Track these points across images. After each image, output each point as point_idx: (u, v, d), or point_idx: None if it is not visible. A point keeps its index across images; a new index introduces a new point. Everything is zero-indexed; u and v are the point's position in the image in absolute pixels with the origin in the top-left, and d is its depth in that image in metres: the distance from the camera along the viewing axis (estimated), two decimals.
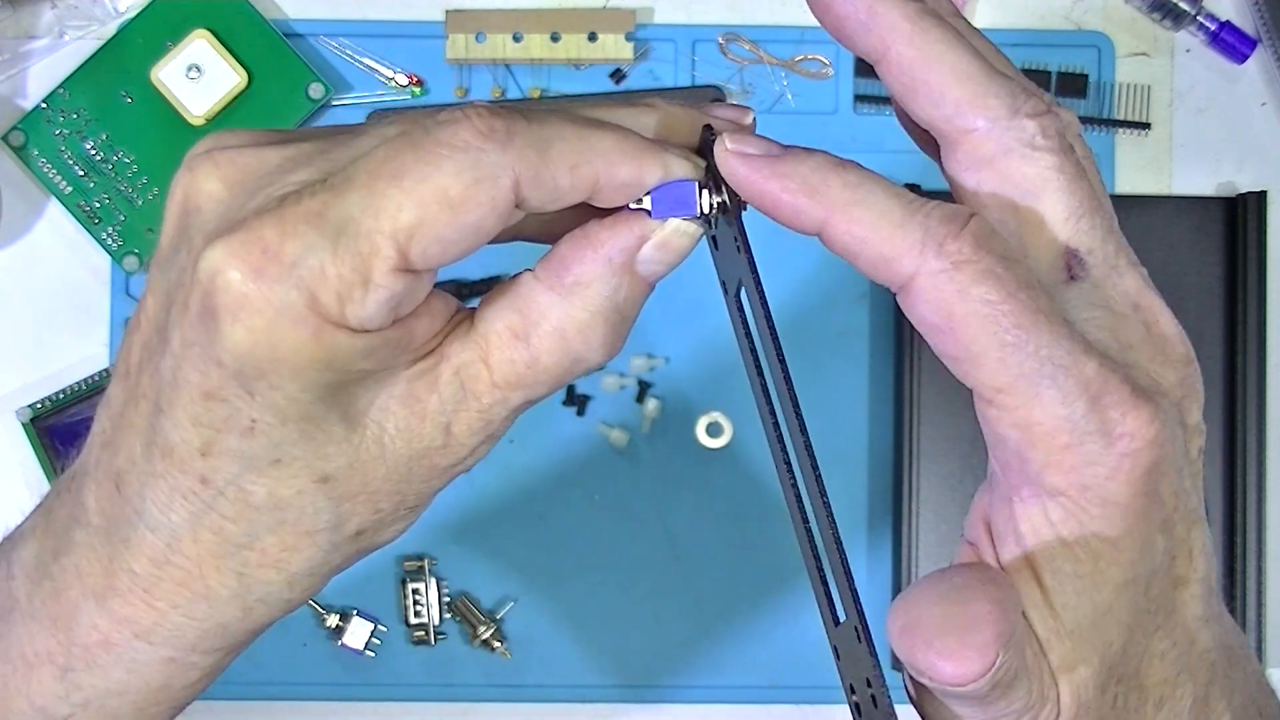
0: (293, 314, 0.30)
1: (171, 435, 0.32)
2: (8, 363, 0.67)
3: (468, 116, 0.31)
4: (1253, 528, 0.67)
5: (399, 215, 0.30)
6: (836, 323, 0.69)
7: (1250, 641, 0.66)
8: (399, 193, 0.30)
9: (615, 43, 0.68)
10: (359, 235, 0.30)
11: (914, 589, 0.32)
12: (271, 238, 0.30)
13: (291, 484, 0.32)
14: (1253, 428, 0.67)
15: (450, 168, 0.30)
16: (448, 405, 0.33)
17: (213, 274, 0.30)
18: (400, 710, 0.68)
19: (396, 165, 0.30)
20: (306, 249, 0.30)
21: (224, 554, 0.33)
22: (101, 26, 0.68)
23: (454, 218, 0.31)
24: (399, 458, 0.33)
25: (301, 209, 0.30)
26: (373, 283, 0.30)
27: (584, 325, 0.33)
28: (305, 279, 0.30)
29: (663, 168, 0.33)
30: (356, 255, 0.30)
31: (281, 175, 0.31)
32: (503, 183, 0.31)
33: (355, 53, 0.68)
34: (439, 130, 0.31)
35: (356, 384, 0.32)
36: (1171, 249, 0.68)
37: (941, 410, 0.67)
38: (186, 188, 0.32)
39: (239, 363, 0.30)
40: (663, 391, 0.68)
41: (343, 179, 0.30)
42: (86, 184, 0.67)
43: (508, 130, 0.31)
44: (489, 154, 0.31)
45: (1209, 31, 0.69)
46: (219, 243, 0.30)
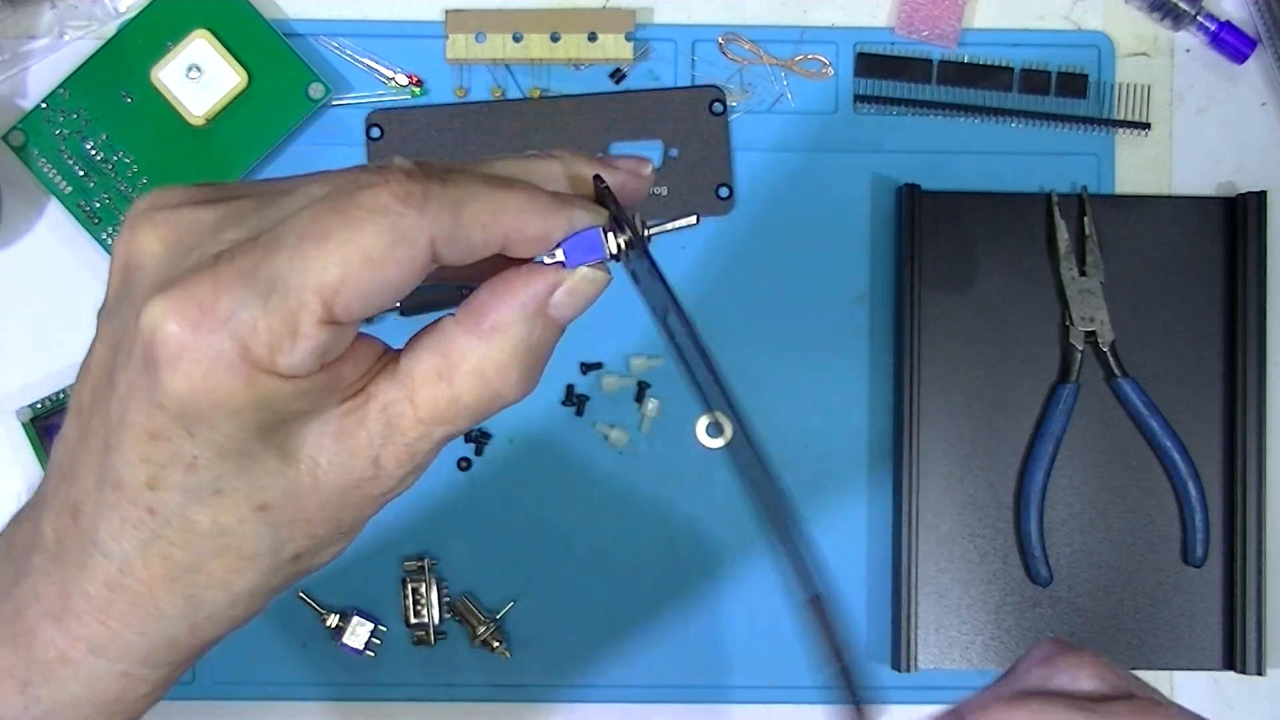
0: (226, 362, 0.33)
1: (121, 470, 0.35)
2: (8, 363, 0.67)
3: (387, 181, 0.34)
4: (1253, 527, 0.67)
5: (324, 274, 0.33)
6: (836, 323, 0.69)
7: (1251, 642, 0.66)
8: (324, 253, 0.33)
9: (615, 43, 0.68)
10: (288, 292, 0.33)
11: None
12: (206, 294, 0.33)
13: (233, 512, 0.35)
14: (1253, 428, 0.67)
15: (371, 230, 0.34)
16: (376, 439, 0.36)
17: (153, 327, 0.33)
18: (400, 710, 0.68)
19: (322, 227, 0.33)
20: (239, 304, 0.33)
21: (172, 577, 0.36)
22: (101, 26, 0.68)
23: (375, 275, 0.34)
24: (332, 488, 0.36)
25: (235, 266, 0.33)
26: (300, 334, 0.33)
27: (502, 366, 0.37)
28: (238, 331, 0.33)
29: (568, 221, 0.37)
30: (285, 310, 0.33)
31: (215, 233, 0.34)
32: (420, 243, 0.34)
33: (355, 53, 0.68)
34: (361, 195, 0.34)
35: (290, 422, 0.35)
36: (1171, 249, 0.68)
37: (941, 410, 0.67)
38: (128, 245, 0.35)
39: (179, 406, 0.33)
40: (663, 391, 0.68)
41: (272, 238, 0.33)
42: (86, 184, 0.67)
43: (424, 194, 0.34)
44: (407, 217, 0.34)
45: (1209, 31, 0.69)
46: (159, 298, 0.33)
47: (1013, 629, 0.67)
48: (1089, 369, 0.68)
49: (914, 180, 0.68)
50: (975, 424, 0.68)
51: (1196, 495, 0.67)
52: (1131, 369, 0.67)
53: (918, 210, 0.67)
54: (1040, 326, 0.68)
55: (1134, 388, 0.67)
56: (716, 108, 0.68)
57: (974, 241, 0.68)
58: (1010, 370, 0.68)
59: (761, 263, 0.69)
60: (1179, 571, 0.68)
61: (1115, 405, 0.68)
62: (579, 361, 0.68)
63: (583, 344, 0.68)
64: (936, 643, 0.67)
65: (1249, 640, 0.66)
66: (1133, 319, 0.68)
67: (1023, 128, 0.69)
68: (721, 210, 0.68)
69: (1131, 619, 0.67)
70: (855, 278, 0.69)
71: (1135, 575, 0.68)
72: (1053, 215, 0.68)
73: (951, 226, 0.68)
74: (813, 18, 0.70)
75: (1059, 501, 0.67)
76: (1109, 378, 0.68)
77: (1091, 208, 0.68)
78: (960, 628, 0.67)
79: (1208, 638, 0.67)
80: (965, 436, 0.68)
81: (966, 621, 0.67)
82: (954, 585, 0.67)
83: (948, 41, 0.69)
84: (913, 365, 0.67)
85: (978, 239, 0.68)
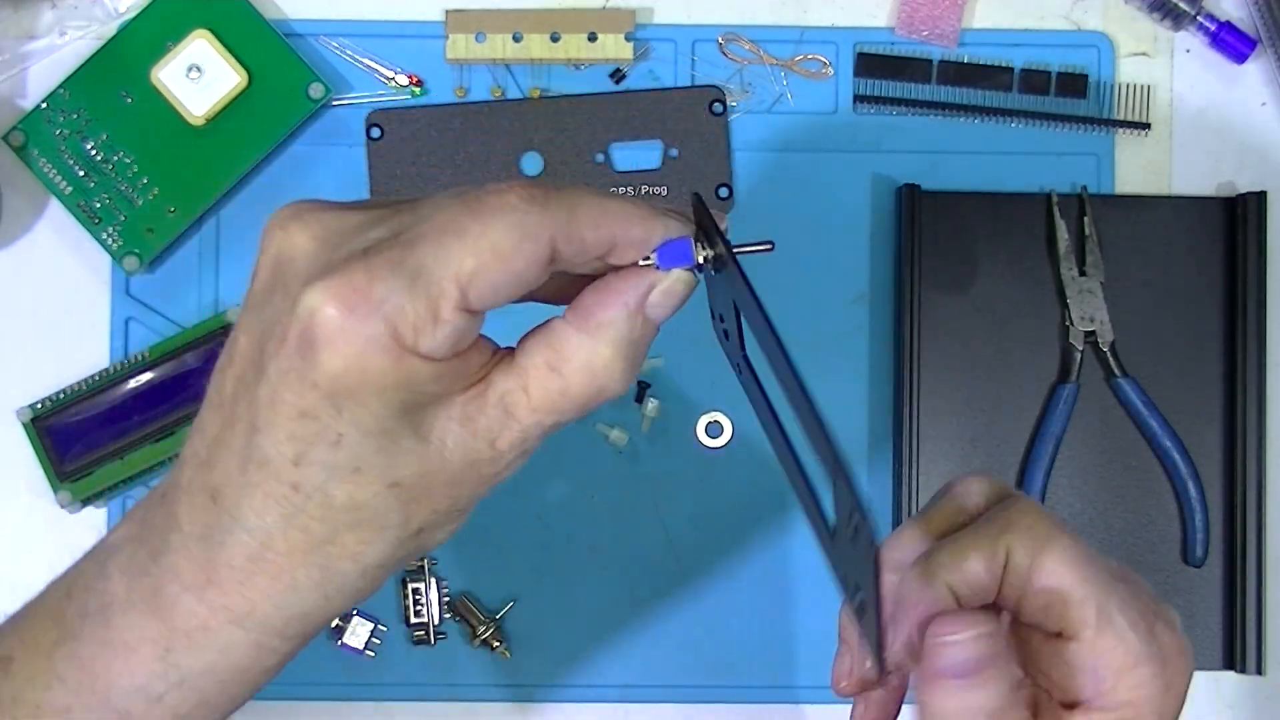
0: (379, 343, 0.37)
1: (268, 450, 0.38)
2: (8, 363, 0.67)
3: (512, 187, 0.39)
4: (1253, 527, 0.67)
5: (461, 264, 0.38)
6: (836, 323, 0.69)
7: (1251, 642, 0.67)
8: (461, 245, 0.38)
9: (615, 43, 0.68)
10: (430, 280, 0.37)
11: None
12: (361, 280, 0.37)
13: (369, 489, 0.39)
14: (1253, 427, 0.67)
15: (501, 225, 0.38)
16: (494, 424, 0.40)
17: (311, 311, 0.37)
18: (400, 710, 0.68)
19: (459, 224, 0.38)
20: (390, 290, 0.37)
21: (310, 549, 0.39)
22: (101, 26, 0.68)
23: (504, 267, 0.38)
24: (455, 467, 0.40)
25: (384, 257, 0.37)
26: (441, 319, 0.38)
27: (608, 360, 0.41)
28: (389, 315, 0.37)
29: (664, 228, 0.41)
30: (428, 296, 0.37)
31: (361, 232, 0.38)
32: (542, 239, 0.39)
33: (355, 53, 0.68)
34: (490, 197, 0.39)
35: (425, 405, 0.39)
36: (1171, 249, 0.68)
37: (941, 410, 0.67)
38: (280, 243, 0.39)
39: (332, 384, 0.37)
40: (663, 391, 0.68)
41: (414, 235, 0.38)
42: (86, 184, 0.67)
43: (545, 197, 0.39)
44: (531, 214, 0.39)
45: (1209, 31, 0.69)
46: (317, 285, 0.37)
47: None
48: (1089, 369, 0.68)
49: (914, 180, 0.68)
50: (975, 424, 0.68)
51: (1196, 495, 0.67)
52: (1131, 369, 0.67)
53: (918, 210, 0.67)
54: (1040, 326, 0.68)
55: (1134, 388, 0.67)
56: (716, 108, 0.68)
57: (974, 241, 0.68)
58: (1010, 370, 0.68)
59: (761, 263, 0.68)
60: (1179, 571, 0.68)
61: (1115, 405, 0.68)
62: None
63: None
64: None
65: (1249, 640, 0.66)
66: (1133, 319, 0.68)
67: (1023, 128, 0.69)
68: (721, 210, 0.68)
69: None
70: (855, 278, 0.69)
71: None
72: (1053, 215, 0.68)
73: (951, 226, 0.68)
74: (813, 18, 0.70)
75: (1059, 501, 0.67)
76: (1109, 378, 0.68)
77: (1091, 208, 0.68)
78: None
79: (1208, 638, 0.67)
80: (965, 436, 0.68)
81: None
82: None
83: (948, 41, 0.69)
84: (913, 365, 0.67)
85: (978, 239, 0.68)
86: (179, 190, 0.67)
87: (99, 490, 0.65)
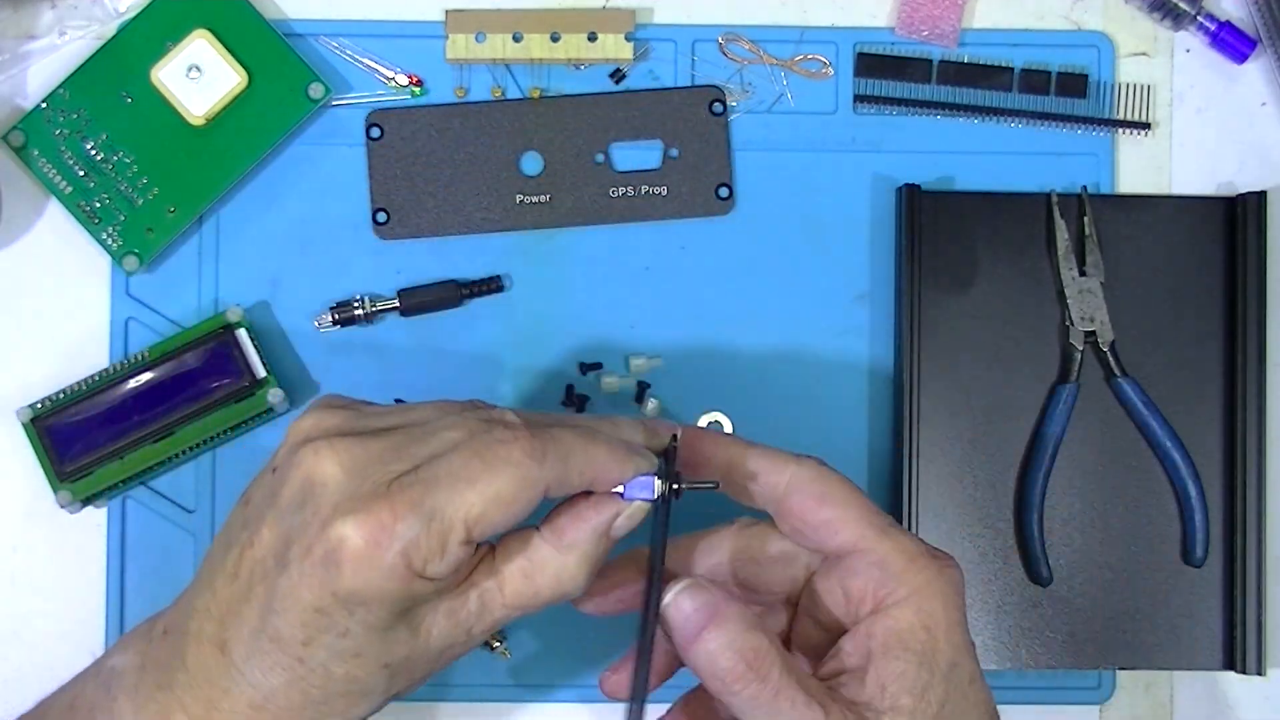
0: (394, 570, 0.45)
1: (282, 629, 0.46)
2: (8, 363, 0.67)
3: (516, 439, 0.47)
4: (1253, 527, 0.67)
5: (471, 509, 0.46)
6: (836, 323, 0.69)
7: (1251, 642, 0.67)
8: (472, 492, 0.46)
9: (615, 43, 0.68)
10: (444, 521, 0.46)
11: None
12: (386, 518, 0.45)
13: (365, 669, 0.47)
14: (1253, 427, 0.67)
15: (506, 477, 0.47)
16: (472, 617, 0.49)
17: (341, 539, 0.45)
18: (400, 710, 0.68)
19: (471, 472, 0.46)
20: (409, 528, 0.45)
21: (305, 707, 0.47)
22: (101, 26, 0.68)
23: (505, 511, 0.47)
24: (436, 650, 0.48)
25: (405, 497, 0.45)
26: (448, 551, 0.46)
27: (574, 573, 0.50)
28: (406, 548, 0.45)
29: (635, 469, 0.50)
30: (440, 534, 0.46)
31: (383, 464, 0.46)
32: (539, 488, 0.47)
33: (355, 53, 0.68)
34: (499, 447, 0.47)
35: (420, 606, 0.47)
36: (1171, 249, 0.68)
37: (941, 410, 0.67)
38: (312, 467, 0.46)
39: (349, 595, 0.45)
40: (663, 391, 0.68)
41: (431, 476, 0.46)
42: (86, 184, 0.67)
43: (544, 450, 0.47)
44: (532, 470, 0.47)
45: (1209, 31, 0.69)
46: (350, 518, 0.45)
47: (1013, 629, 0.67)
48: (1089, 369, 0.68)
49: (914, 180, 0.68)
50: (975, 424, 0.68)
51: (1196, 495, 0.67)
52: (1131, 369, 0.67)
53: (918, 210, 0.67)
54: (1040, 326, 0.68)
55: (1134, 388, 0.67)
56: (716, 108, 0.68)
57: (974, 241, 0.68)
58: (1010, 370, 0.68)
59: (761, 263, 0.69)
60: (1179, 571, 0.68)
61: (1115, 405, 0.68)
62: (579, 361, 0.68)
63: (583, 344, 0.68)
64: None
65: (1249, 640, 0.66)
66: (1133, 319, 0.68)
67: (1023, 128, 0.69)
68: (721, 210, 0.68)
69: (1131, 619, 0.67)
70: (855, 278, 0.69)
71: (1135, 575, 0.68)
72: (1053, 215, 0.68)
73: (951, 226, 0.68)
74: (813, 18, 0.70)
75: (1059, 501, 0.67)
76: (1109, 378, 0.68)
77: (1091, 208, 0.68)
78: None
79: (1208, 638, 0.67)
80: (965, 436, 0.68)
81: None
82: None
83: (948, 41, 0.69)
84: (913, 365, 0.67)
85: (978, 239, 0.68)
86: (179, 190, 0.67)
87: (99, 490, 0.65)
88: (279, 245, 0.68)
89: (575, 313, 0.68)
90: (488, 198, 0.68)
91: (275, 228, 0.68)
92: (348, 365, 0.68)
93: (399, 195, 0.68)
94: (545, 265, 0.68)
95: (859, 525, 0.51)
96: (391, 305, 0.67)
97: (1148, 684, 0.70)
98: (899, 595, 0.50)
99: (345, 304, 0.67)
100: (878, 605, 0.50)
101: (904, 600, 0.50)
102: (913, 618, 0.49)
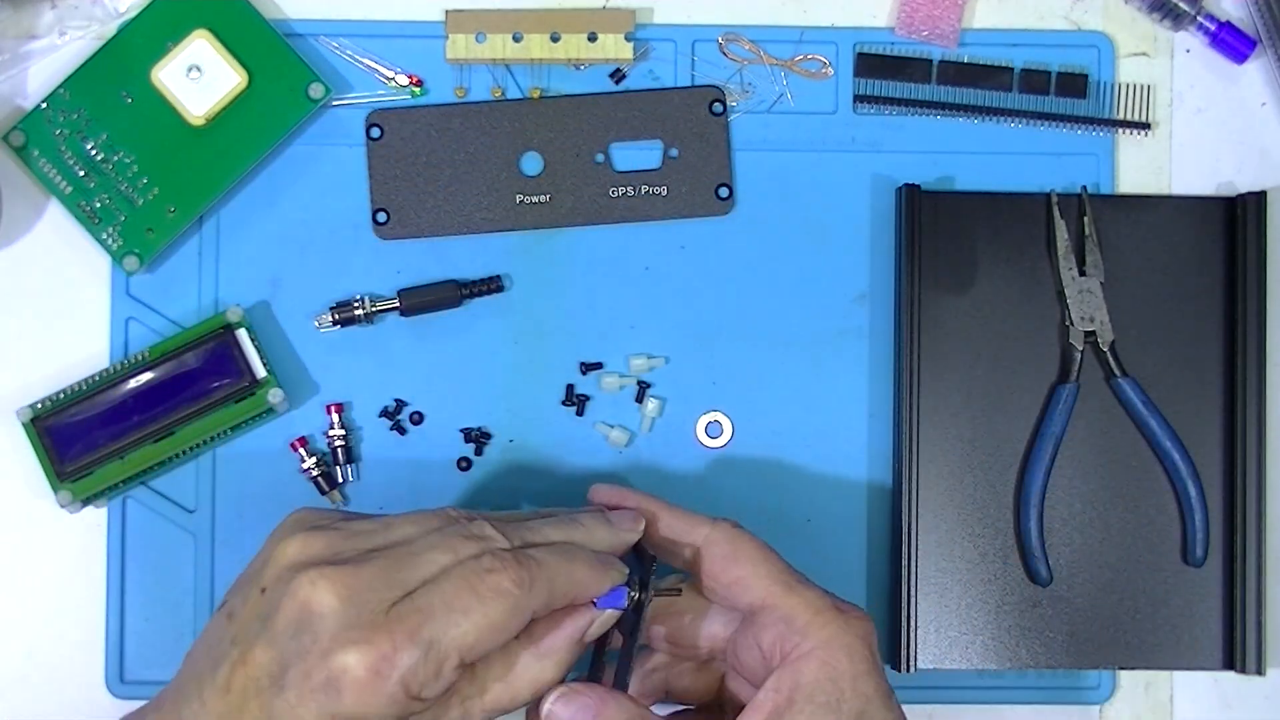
0: (393, 696, 0.49)
1: None
2: (8, 363, 0.67)
3: (505, 568, 0.51)
4: (1253, 527, 0.67)
5: (465, 637, 0.50)
6: (836, 323, 0.69)
7: (1251, 642, 0.67)
8: (467, 622, 0.50)
9: (615, 43, 0.68)
10: (440, 650, 0.49)
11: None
12: (387, 649, 0.48)
13: None
14: (1253, 427, 0.67)
15: (497, 608, 0.50)
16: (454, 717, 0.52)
17: (344, 669, 0.48)
18: None
19: (464, 603, 0.50)
20: (408, 658, 0.49)
21: None
22: (101, 26, 0.68)
23: (495, 636, 0.51)
24: None
25: (403, 627, 0.49)
26: (442, 676, 0.50)
27: (550, 676, 0.53)
28: (405, 676, 0.49)
29: (610, 582, 0.54)
30: (437, 661, 0.49)
31: (377, 592, 0.49)
32: (528, 614, 0.51)
33: (355, 53, 0.68)
34: (489, 577, 0.50)
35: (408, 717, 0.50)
36: (1171, 249, 0.68)
37: (941, 410, 0.67)
38: (308, 596, 0.49)
39: (347, 716, 0.48)
40: (663, 391, 0.68)
41: (427, 605, 0.50)
42: (86, 184, 0.67)
43: (531, 580, 0.51)
44: (521, 599, 0.51)
45: (1209, 31, 0.69)
46: (352, 649, 0.48)
47: (1013, 629, 0.67)
48: (1089, 369, 0.68)
49: (914, 180, 0.68)
50: (975, 424, 0.68)
51: (1196, 495, 0.67)
52: (1131, 369, 0.67)
53: (918, 210, 0.67)
54: (1040, 326, 0.68)
55: (1134, 388, 0.67)
56: (716, 108, 0.69)
57: (974, 241, 0.68)
58: (1010, 370, 0.68)
59: (761, 263, 0.69)
60: (1179, 571, 0.68)
61: (1115, 405, 0.68)
62: (579, 361, 0.68)
63: (583, 344, 0.68)
64: (936, 643, 0.67)
65: (1249, 640, 0.66)
66: (1133, 319, 0.68)
67: (1023, 128, 0.69)
68: (721, 210, 0.68)
69: (1131, 619, 0.67)
70: (855, 278, 0.69)
71: (1135, 575, 0.68)
72: (1053, 215, 0.68)
73: (951, 226, 0.68)
74: (813, 18, 0.70)
75: (1059, 501, 0.67)
76: (1109, 378, 0.68)
77: (1091, 208, 0.68)
78: (960, 628, 0.67)
79: (1208, 638, 0.67)
80: (965, 436, 0.68)
81: (966, 621, 0.67)
82: (954, 585, 0.67)
83: (948, 41, 0.69)
84: (913, 365, 0.67)
85: (978, 239, 0.68)
86: (179, 190, 0.67)
87: (99, 490, 0.65)
88: (279, 245, 0.68)
89: (575, 313, 0.68)
90: (488, 198, 0.68)
91: (275, 228, 0.68)
92: (348, 365, 0.68)
93: (399, 195, 0.68)
94: (545, 265, 0.68)
95: (767, 582, 0.55)
96: (391, 305, 0.67)
97: (1148, 684, 0.70)
98: (804, 649, 0.53)
99: (345, 304, 0.67)
100: (784, 659, 0.53)
101: (809, 653, 0.53)
102: (818, 670, 0.52)
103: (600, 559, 0.54)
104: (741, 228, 0.69)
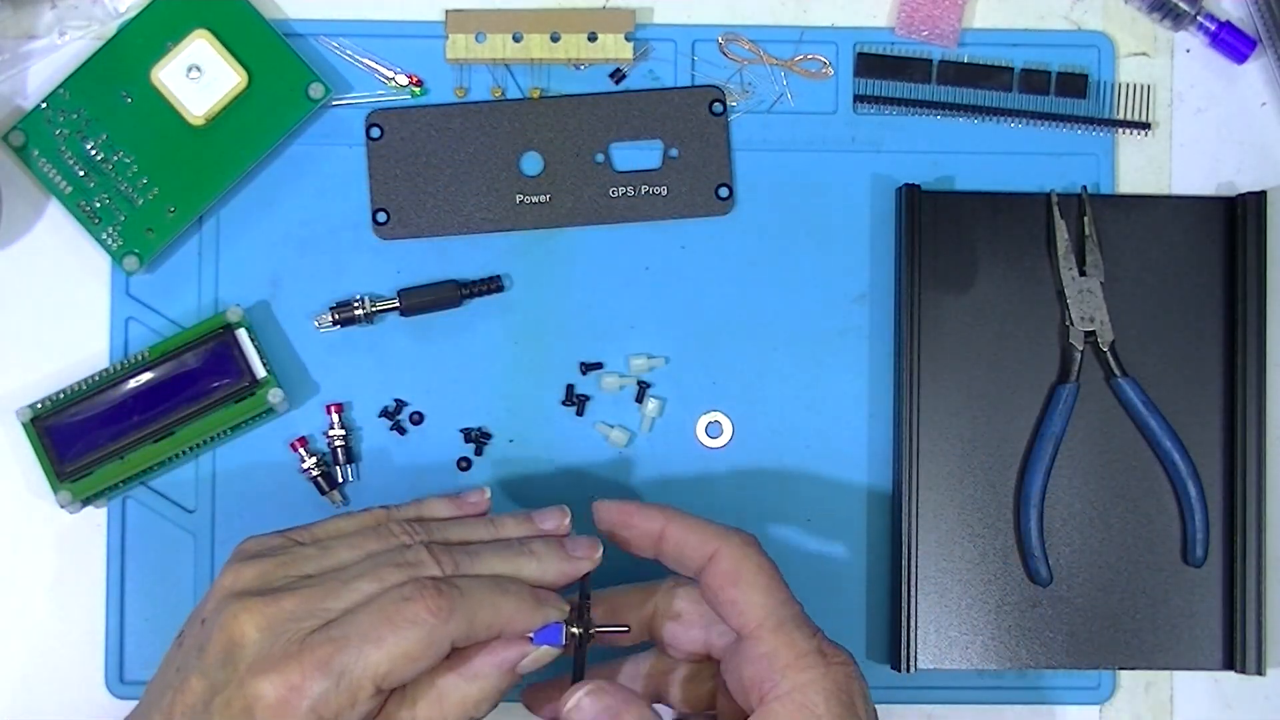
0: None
1: None
2: (8, 363, 0.67)
3: (423, 596, 0.51)
4: (1253, 527, 0.67)
5: (378, 666, 0.51)
6: (836, 323, 0.69)
7: (1251, 642, 0.67)
8: (379, 652, 0.51)
9: (615, 43, 0.68)
10: (352, 678, 0.50)
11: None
12: (297, 678, 0.50)
13: None
14: (1253, 427, 0.67)
15: (412, 636, 0.51)
16: None
17: (258, 696, 0.50)
18: None
19: (378, 634, 0.51)
20: (319, 686, 0.50)
21: None
22: (101, 26, 0.68)
23: (411, 666, 0.51)
24: None
25: (314, 656, 0.50)
26: (357, 704, 0.51)
27: (478, 701, 0.54)
28: (316, 704, 0.50)
29: (544, 618, 0.54)
30: (350, 690, 0.51)
31: (296, 621, 0.51)
32: (444, 643, 0.52)
33: (355, 53, 0.68)
34: (405, 607, 0.51)
35: None
36: (1171, 249, 0.68)
37: (941, 410, 0.67)
38: (233, 630, 0.51)
39: None
40: (663, 391, 0.68)
41: (341, 635, 0.51)
42: (86, 184, 0.67)
43: (449, 609, 0.51)
44: (437, 629, 0.51)
45: (1209, 31, 0.69)
46: (265, 677, 0.50)
47: (1013, 629, 0.67)
48: (1089, 369, 0.68)
49: (914, 180, 0.68)
50: (975, 424, 0.68)
51: (1196, 495, 0.67)
52: (1131, 369, 0.67)
53: (918, 210, 0.67)
54: (1040, 326, 0.68)
55: (1134, 388, 0.67)
56: (716, 108, 0.69)
57: (974, 241, 0.68)
58: (1010, 370, 0.68)
59: (762, 263, 0.69)
60: (1179, 571, 0.68)
61: (1115, 405, 0.68)
62: (579, 361, 0.68)
63: (583, 344, 0.68)
64: (936, 643, 0.67)
65: (1249, 640, 0.66)
66: (1133, 319, 0.68)
67: (1023, 128, 0.69)
68: (721, 210, 0.68)
69: (1131, 619, 0.67)
70: (855, 278, 0.69)
71: (1135, 575, 0.68)
72: (1053, 215, 0.68)
73: (951, 226, 0.68)
74: (813, 18, 0.70)
75: (1059, 501, 0.67)
76: (1109, 378, 0.68)
77: (1091, 208, 0.68)
78: (960, 628, 0.67)
79: (1208, 638, 0.67)
80: (965, 436, 0.68)
81: (966, 621, 0.67)
82: (954, 585, 0.67)
83: (948, 41, 0.69)
84: (913, 365, 0.67)
85: (978, 239, 0.68)
86: (179, 190, 0.67)
87: (99, 490, 0.65)
88: (279, 245, 0.68)
89: (575, 313, 0.68)
90: (488, 198, 0.68)
91: (275, 228, 0.68)
92: (348, 365, 0.68)
93: (399, 195, 0.68)
94: (545, 265, 0.68)
95: (759, 613, 0.55)
96: (391, 305, 0.67)
97: (1148, 684, 0.70)
98: (780, 691, 0.53)
99: (345, 304, 0.67)
100: (762, 699, 0.53)
101: (784, 696, 0.53)
102: (793, 714, 0.52)
103: (536, 594, 0.54)
104: (741, 228, 0.69)
